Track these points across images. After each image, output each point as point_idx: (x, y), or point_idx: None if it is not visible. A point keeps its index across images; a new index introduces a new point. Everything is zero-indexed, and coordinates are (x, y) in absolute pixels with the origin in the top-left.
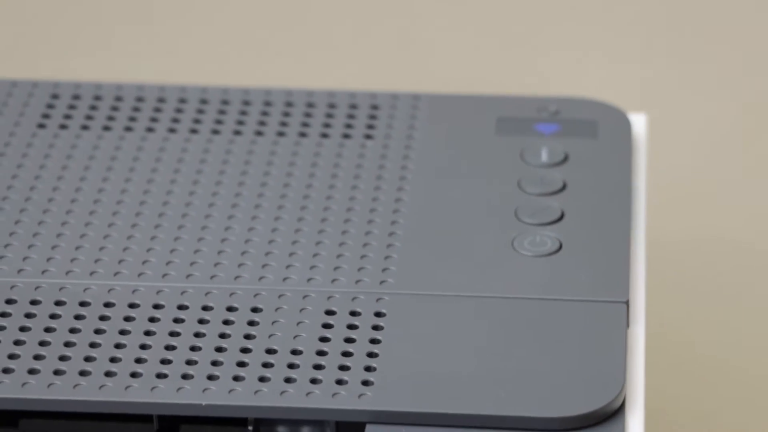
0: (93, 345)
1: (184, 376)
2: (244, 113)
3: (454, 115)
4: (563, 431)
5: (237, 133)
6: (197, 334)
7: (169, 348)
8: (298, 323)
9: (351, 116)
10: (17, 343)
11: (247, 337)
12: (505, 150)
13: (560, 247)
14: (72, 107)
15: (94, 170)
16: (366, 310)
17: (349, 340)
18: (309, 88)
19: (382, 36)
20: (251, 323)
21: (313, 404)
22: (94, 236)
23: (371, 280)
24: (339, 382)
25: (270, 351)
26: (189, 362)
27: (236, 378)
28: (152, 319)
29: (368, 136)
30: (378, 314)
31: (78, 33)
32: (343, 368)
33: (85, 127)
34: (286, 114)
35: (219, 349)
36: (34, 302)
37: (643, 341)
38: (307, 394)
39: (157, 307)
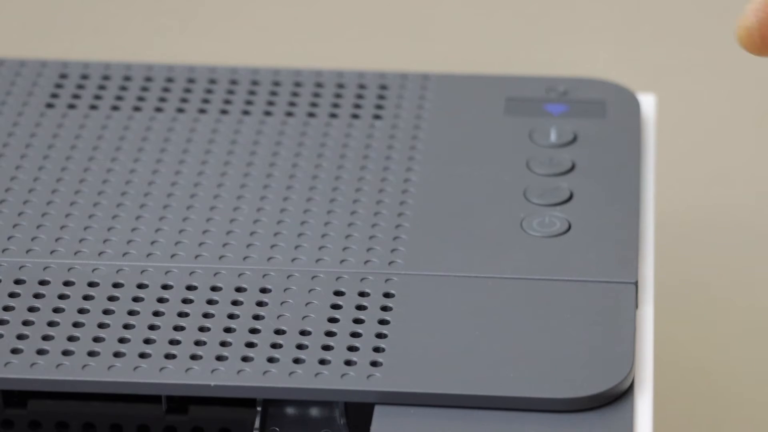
0: (102, 325)
1: (193, 357)
2: (252, 93)
3: (462, 95)
4: (572, 412)
5: (245, 113)
6: (206, 315)
7: (178, 328)
8: (307, 304)
9: (360, 96)
10: (26, 323)
11: (256, 317)
12: (513, 130)
13: (569, 227)
14: (80, 87)
15: (102, 150)
16: (375, 291)
17: (358, 321)
18: (318, 68)
19: (391, 16)
20: (260, 304)
21: (322, 385)
22: (103, 216)
23: (380, 261)
24: (348, 362)
25: (279, 332)
26: (198, 343)
27: (245, 359)
28: (161, 300)
29: (377, 116)
30: (387, 295)
31: (86, 12)
32: (352, 349)
33: (93, 107)
34: (295, 94)
35: (228, 330)
36: (42, 282)
37: (652, 322)
38: (316, 374)
39: (165, 287)
